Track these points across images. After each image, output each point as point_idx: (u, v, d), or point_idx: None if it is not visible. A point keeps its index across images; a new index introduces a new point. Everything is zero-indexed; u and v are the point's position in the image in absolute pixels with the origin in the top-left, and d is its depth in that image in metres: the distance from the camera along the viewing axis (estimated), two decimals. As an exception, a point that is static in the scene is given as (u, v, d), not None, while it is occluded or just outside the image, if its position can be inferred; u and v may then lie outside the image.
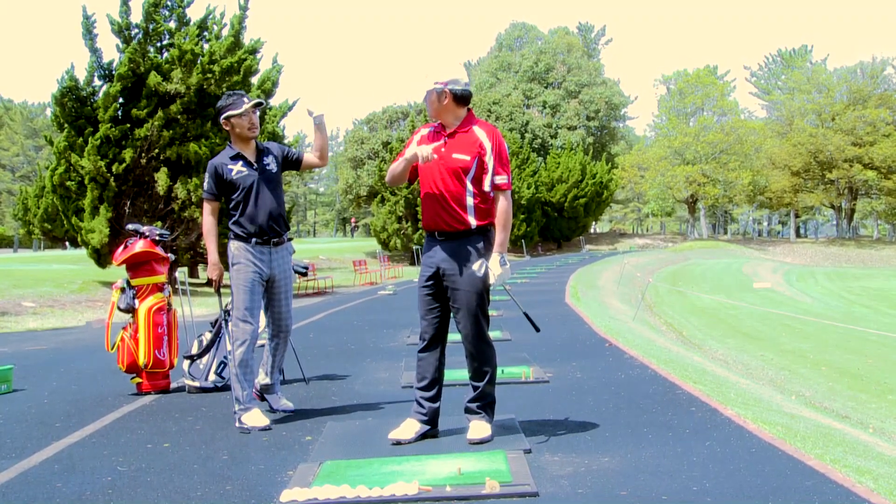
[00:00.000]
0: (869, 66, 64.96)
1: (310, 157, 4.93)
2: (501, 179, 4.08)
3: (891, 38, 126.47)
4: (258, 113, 4.84)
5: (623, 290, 21.77)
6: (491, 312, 4.28)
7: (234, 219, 4.75)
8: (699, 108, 65.54)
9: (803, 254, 56.50)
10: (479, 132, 4.12)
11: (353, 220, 72.38)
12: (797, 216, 71.16)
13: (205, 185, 4.77)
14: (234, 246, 4.75)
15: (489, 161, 4.06)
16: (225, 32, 19.38)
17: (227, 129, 4.79)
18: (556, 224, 51.83)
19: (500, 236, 4.08)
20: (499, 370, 5.91)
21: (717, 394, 5.38)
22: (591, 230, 67.05)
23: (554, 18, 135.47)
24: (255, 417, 4.62)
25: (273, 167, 4.83)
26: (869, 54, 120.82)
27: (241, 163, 4.75)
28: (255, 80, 19.92)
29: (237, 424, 4.61)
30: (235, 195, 4.72)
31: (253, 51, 19.27)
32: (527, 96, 64.95)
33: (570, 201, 51.00)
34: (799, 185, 62.69)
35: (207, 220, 4.80)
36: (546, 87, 66.05)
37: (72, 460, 4.03)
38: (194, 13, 41.99)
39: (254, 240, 4.71)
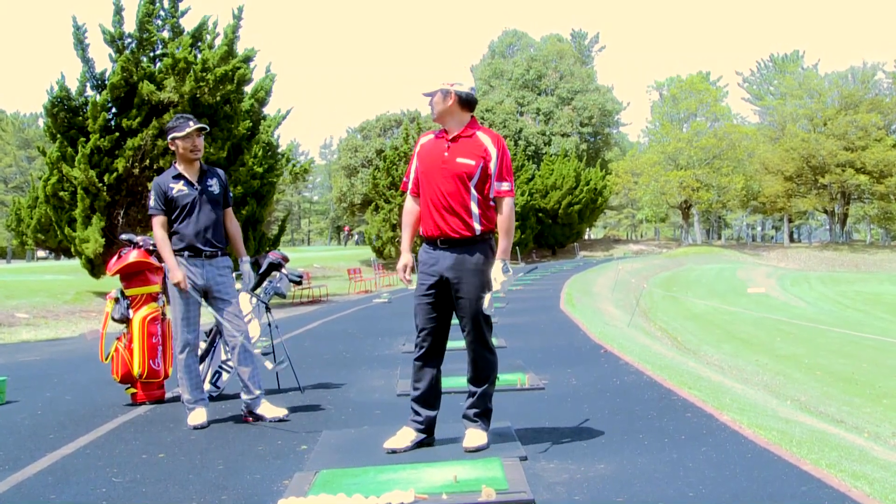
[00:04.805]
0: (860, 71, 65.39)
1: (229, 218, 5.19)
2: (505, 186, 4.07)
3: (881, 42, 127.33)
4: (202, 137, 5.06)
5: (618, 296, 21.80)
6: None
7: (171, 234, 5.00)
8: (692, 113, 65.78)
9: (797, 258, 56.69)
10: (483, 138, 4.10)
11: (346, 228, 72.38)
12: (791, 221, 71.43)
13: (151, 202, 4.99)
14: None
15: (493, 167, 4.04)
16: (218, 42, 19.33)
17: (173, 149, 5.02)
18: (551, 231, 51.93)
19: (503, 243, 4.09)
20: (494, 377, 5.94)
21: (713, 399, 5.39)
22: (586, 236, 67.20)
23: (547, 25, 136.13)
24: (195, 416, 4.97)
25: (216, 189, 5.09)
26: (860, 59, 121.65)
27: (182, 182, 5.00)
28: (248, 88, 19.88)
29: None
30: (174, 212, 4.96)
31: (246, 59, 19.23)
32: (520, 104, 65.10)
33: (565, 208, 51.12)
34: (792, 189, 62.98)
35: (159, 232, 4.98)
36: (539, 95, 66.23)
37: (66, 472, 4.00)
38: (188, 23, 41.95)
39: (186, 253, 4.97)
